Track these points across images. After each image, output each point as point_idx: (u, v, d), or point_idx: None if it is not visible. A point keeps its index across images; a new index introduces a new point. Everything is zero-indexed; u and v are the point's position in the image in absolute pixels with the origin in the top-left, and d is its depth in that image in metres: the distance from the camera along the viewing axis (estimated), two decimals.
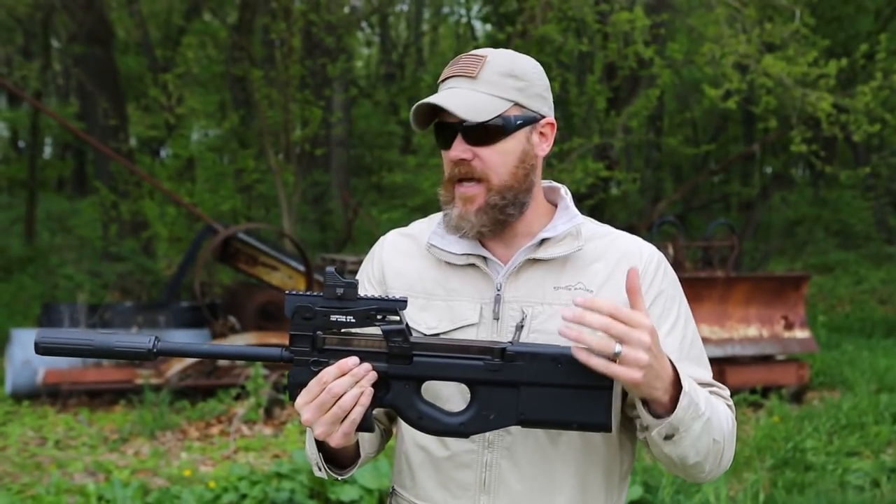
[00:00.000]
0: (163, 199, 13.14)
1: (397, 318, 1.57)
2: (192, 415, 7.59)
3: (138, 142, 18.12)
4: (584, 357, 1.51)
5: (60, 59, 18.00)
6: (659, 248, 1.89)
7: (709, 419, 1.65)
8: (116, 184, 13.22)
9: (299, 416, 1.57)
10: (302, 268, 8.99)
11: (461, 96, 1.72)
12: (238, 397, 7.85)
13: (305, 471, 5.38)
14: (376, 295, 1.61)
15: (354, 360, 1.55)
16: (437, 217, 1.91)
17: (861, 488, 5.97)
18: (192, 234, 12.06)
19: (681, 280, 1.88)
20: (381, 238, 1.96)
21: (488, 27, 21.49)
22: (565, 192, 1.87)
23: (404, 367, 1.59)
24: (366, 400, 1.55)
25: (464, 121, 1.71)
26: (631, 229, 2.09)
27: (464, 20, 25.29)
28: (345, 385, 1.54)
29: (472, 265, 1.81)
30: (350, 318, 1.56)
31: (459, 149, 1.72)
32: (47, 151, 27.60)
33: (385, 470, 5.26)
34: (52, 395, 7.81)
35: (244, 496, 5.25)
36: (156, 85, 13.19)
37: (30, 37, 20.32)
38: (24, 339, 7.91)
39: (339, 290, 1.56)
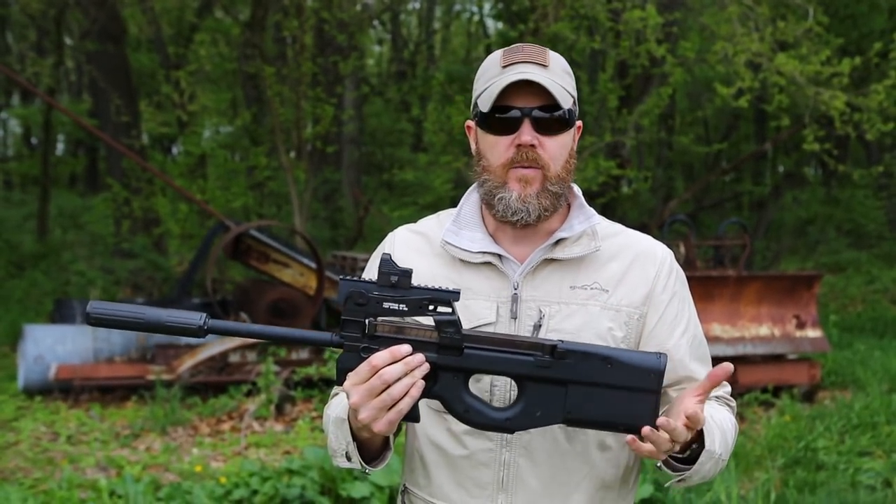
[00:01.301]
0: (175, 196, 13.18)
1: (450, 309, 1.56)
2: (203, 411, 7.61)
3: (150, 139, 18.15)
4: (636, 447, 1.57)
5: (73, 55, 18.04)
6: (670, 247, 1.90)
7: (720, 454, 1.69)
8: (129, 181, 13.27)
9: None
10: (313, 265, 9.01)
11: (546, 82, 1.71)
12: (249, 394, 7.86)
13: (316, 467, 5.38)
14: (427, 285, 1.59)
15: (407, 347, 1.53)
16: (446, 214, 1.90)
17: (873, 488, 5.95)
18: (203, 231, 12.10)
19: (692, 279, 1.90)
20: (391, 234, 1.94)
21: (500, 25, 21.49)
22: (578, 191, 1.87)
23: (454, 358, 1.57)
24: (416, 392, 1.53)
25: (533, 108, 1.71)
26: (642, 228, 2.10)
27: (476, 18, 25.29)
28: (396, 372, 1.52)
29: (488, 263, 1.80)
30: (403, 307, 1.54)
31: (530, 135, 1.72)
32: (60, 148, 27.70)
33: (396, 466, 5.23)
34: (64, 390, 7.84)
35: (255, 492, 5.26)
36: (168, 82, 13.23)
37: (43, 33, 20.39)
38: (36, 335, 7.94)
39: (394, 278, 1.54)
